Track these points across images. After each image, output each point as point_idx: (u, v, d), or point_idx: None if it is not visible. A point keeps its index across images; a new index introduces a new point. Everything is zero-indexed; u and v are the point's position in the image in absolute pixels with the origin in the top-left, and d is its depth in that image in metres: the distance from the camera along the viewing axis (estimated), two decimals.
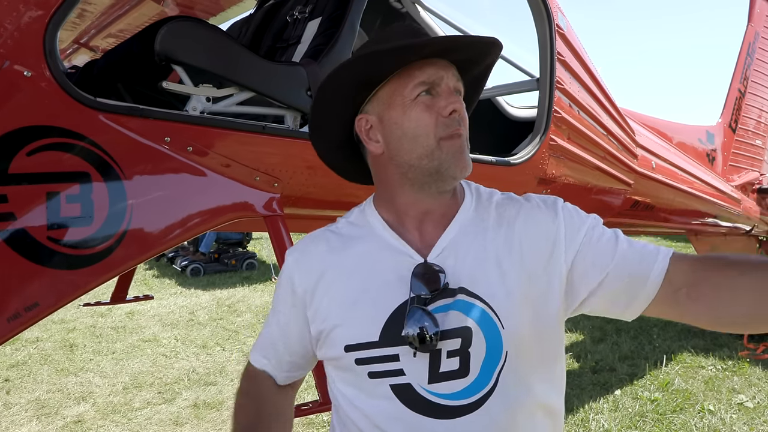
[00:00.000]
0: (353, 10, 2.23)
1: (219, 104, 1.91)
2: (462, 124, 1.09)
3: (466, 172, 1.09)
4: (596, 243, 1.09)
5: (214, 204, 1.84)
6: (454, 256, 1.09)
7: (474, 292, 1.06)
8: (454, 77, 1.10)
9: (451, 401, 1.04)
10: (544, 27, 2.81)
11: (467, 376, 1.04)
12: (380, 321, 1.06)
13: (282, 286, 1.21)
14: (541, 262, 1.09)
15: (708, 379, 4.93)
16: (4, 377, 5.28)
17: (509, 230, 1.12)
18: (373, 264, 1.11)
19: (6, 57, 1.40)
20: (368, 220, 1.17)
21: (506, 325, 1.05)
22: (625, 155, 3.57)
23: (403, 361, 1.04)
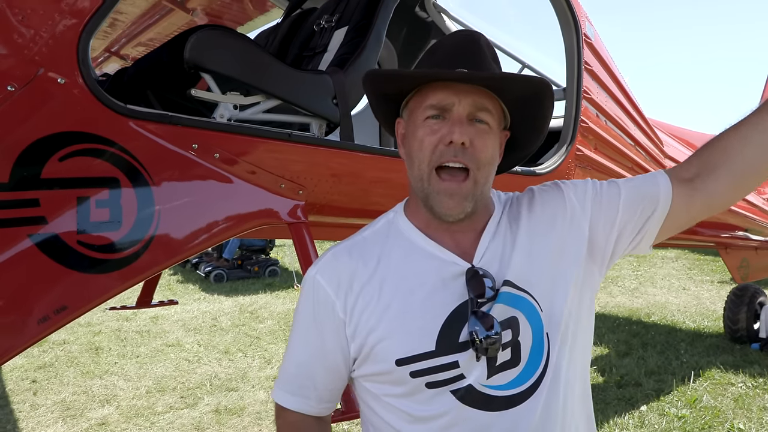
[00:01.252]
0: (379, 20, 2.24)
1: (246, 112, 1.93)
2: (467, 155, 1.06)
3: (455, 212, 1.08)
4: (601, 198, 1.17)
5: (239, 210, 1.85)
6: (492, 256, 1.12)
7: (517, 284, 1.09)
8: (471, 105, 1.07)
9: (506, 391, 1.06)
10: (572, 36, 2.79)
11: (518, 365, 1.07)
12: (434, 330, 1.06)
13: (307, 309, 1.15)
14: (566, 234, 1.15)
15: (738, 396, 4.80)
16: (32, 378, 5.38)
17: (530, 219, 1.16)
18: (414, 273, 1.10)
19: (41, 64, 1.43)
20: (399, 227, 1.17)
21: (544, 307, 1.09)
22: (653, 166, 3.51)
23: (462, 366, 1.05)
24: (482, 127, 1.08)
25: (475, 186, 1.08)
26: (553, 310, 1.10)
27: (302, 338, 1.17)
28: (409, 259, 1.12)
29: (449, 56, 1.11)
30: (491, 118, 1.10)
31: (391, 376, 1.07)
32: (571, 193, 1.18)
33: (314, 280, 1.14)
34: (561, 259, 1.13)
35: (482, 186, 1.10)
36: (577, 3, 2.82)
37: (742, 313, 6.05)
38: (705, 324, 7.12)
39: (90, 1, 1.50)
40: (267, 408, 4.76)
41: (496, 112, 1.12)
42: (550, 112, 1.19)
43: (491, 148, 1.10)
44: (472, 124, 1.08)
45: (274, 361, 5.95)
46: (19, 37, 1.41)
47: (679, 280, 10.03)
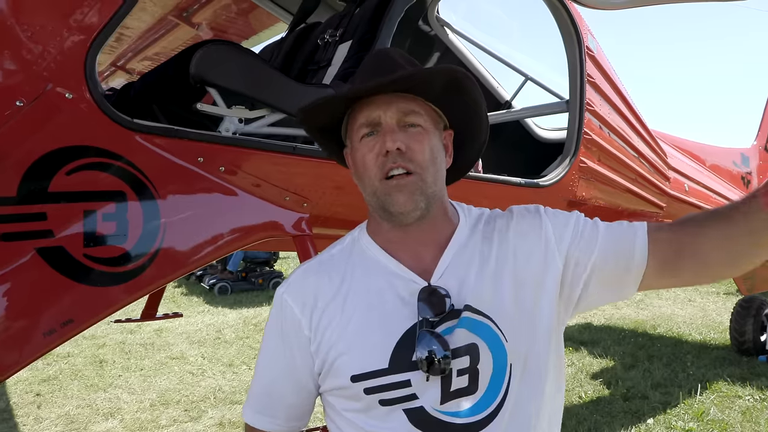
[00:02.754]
0: (383, 34, 2.26)
1: (251, 125, 1.94)
2: (405, 158, 1.08)
3: (409, 207, 1.08)
4: (581, 234, 1.12)
5: (244, 223, 1.86)
6: (455, 277, 1.10)
7: (479, 309, 1.07)
8: (396, 112, 1.09)
9: (462, 419, 1.04)
10: (574, 49, 2.81)
11: (476, 392, 1.05)
12: (388, 347, 1.05)
13: (276, 328, 1.16)
14: (538, 265, 1.11)
15: (745, 409, 4.76)
16: (36, 391, 5.37)
17: (503, 243, 1.14)
18: (374, 290, 1.11)
19: (49, 80, 1.45)
20: (363, 246, 1.17)
21: (509, 338, 1.07)
22: (657, 177, 3.51)
23: (415, 386, 1.04)
24: (415, 131, 1.10)
25: (423, 182, 1.09)
26: (521, 342, 1.08)
27: (271, 357, 1.17)
28: (370, 276, 1.13)
29: (363, 73, 1.15)
30: (421, 119, 1.11)
31: (347, 391, 1.07)
32: (550, 224, 1.14)
33: (282, 299, 1.16)
34: (533, 292, 1.10)
35: (431, 184, 1.10)
36: (579, 16, 2.84)
37: (749, 325, 6.01)
38: (711, 336, 7.07)
39: (97, 17, 1.52)
40: None
41: (427, 113, 1.13)
42: (476, 93, 1.17)
43: (430, 148, 1.11)
44: (404, 130, 1.09)
45: None
46: (27, 53, 1.43)
47: (685, 292, 9.98)
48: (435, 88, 1.13)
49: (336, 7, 3.25)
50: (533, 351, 1.09)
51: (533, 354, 1.09)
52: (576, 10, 2.83)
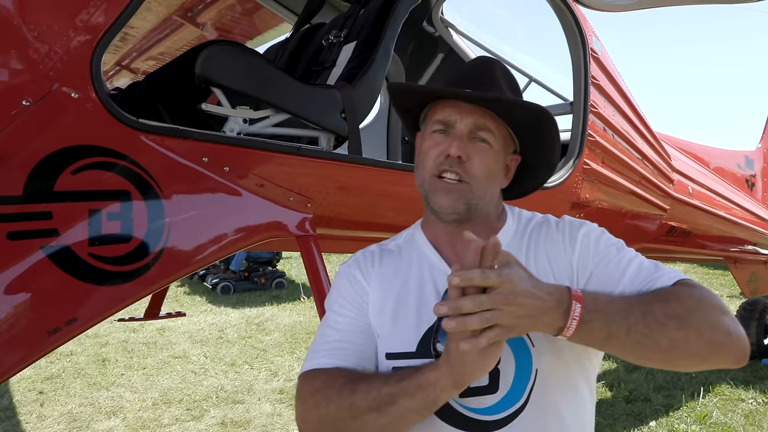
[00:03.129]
0: (388, 35, 2.26)
1: (255, 126, 1.95)
2: (462, 168, 1.13)
3: (448, 210, 1.14)
4: (604, 269, 1.12)
5: (248, 223, 1.86)
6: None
7: None
8: (472, 123, 1.15)
9: (482, 416, 1.07)
10: (579, 51, 2.81)
11: (496, 392, 1.07)
12: (418, 333, 1.11)
13: (340, 291, 1.22)
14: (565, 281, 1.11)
15: (748, 412, 4.75)
16: (39, 389, 5.39)
17: (540, 253, 1.17)
18: (414, 279, 1.18)
19: (55, 79, 1.46)
20: (415, 239, 1.25)
21: (536, 343, 1.08)
22: (660, 180, 3.51)
23: None
24: (482, 146, 1.15)
25: (471, 193, 1.14)
26: (547, 349, 1.08)
27: (336, 315, 1.20)
28: (415, 266, 1.20)
29: (461, 77, 1.22)
30: (492, 138, 1.16)
31: (381, 366, 1.13)
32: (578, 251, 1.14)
33: (347, 268, 1.25)
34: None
35: (478, 198, 1.15)
36: (583, 18, 2.83)
37: (752, 328, 5.99)
38: None
39: (103, 17, 1.53)
40: (273, 421, 4.74)
41: (500, 133, 1.18)
42: (553, 137, 1.22)
43: (489, 166, 1.16)
44: (472, 142, 1.15)
45: (281, 373, 5.94)
46: (34, 53, 1.44)
47: None
48: (516, 116, 1.18)
49: (340, 8, 3.25)
50: (561, 358, 1.10)
51: (560, 362, 1.10)
52: (580, 12, 2.83)
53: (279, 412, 4.93)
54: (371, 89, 2.21)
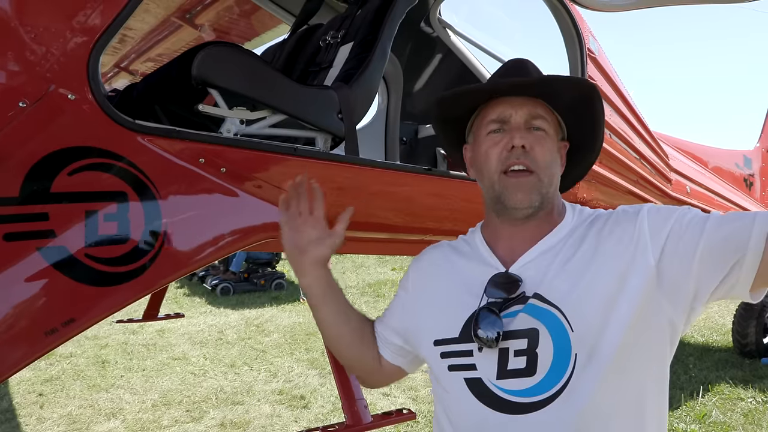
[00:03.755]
0: (385, 36, 2.26)
1: (252, 126, 1.95)
2: (528, 157, 1.18)
3: (524, 204, 1.18)
4: (686, 226, 1.10)
5: (245, 224, 1.86)
6: (536, 269, 1.17)
7: (546, 298, 1.13)
8: (526, 114, 1.20)
9: (518, 398, 1.09)
10: (575, 51, 2.81)
11: (534, 375, 1.09)
12: (462, 319, 1.18)
13: (404, 277, 1.42)
14: (623, 263, 1.11)
15: (748, 411, 4.75)
16: (39, 391, 5.39)
17: (595, 241, 1.17)
18: (466, 273, 1.26)
19: (52, 81, 1.46)
20: (475, 238, 1.32)
21: (576, 328, 1.09)
22: (658, 179, 3.51)
23: (476, 357, 1.15)
24: (539, 134, 1.20)
25: (540, 182, 1.18)
26: (589, 335, 1.08)
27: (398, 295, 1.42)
28: (469, 263, 1.27)
29: (500, 77, 1.28)
30: (547, 124, 1.22)
31: (431, 353, 1.24)
32: (647, 221, 1.13)
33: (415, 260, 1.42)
34: (612, 288, 1.10)
35: (547, 186, 1.19)
36: (580, 18, 2.84)
37: (752, 327, 6.00)
38: (714, 338, 7.06)
39: (100, 18, 1.53)
40: (272, 422, 4.75)
41: (551, 119, 1.24)
42: (600, 111, 1.27)
43: (550, 151, 1.21)
44: (530, 132, 1.20)
45: (280, 374, 5.94)
46: (30, 54, 1.44)
47: None
48: (564, 96, 1.24)
49: (338, 9, 3.25)
50: (603, 344, 1.08)
51: (604, 347, 1.08)
52: (577, 12, 2.83)
53: (278, 413, 4.93)
54: (368, 90, 2.21)
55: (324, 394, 5.31)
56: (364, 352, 1.40)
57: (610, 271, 1.11)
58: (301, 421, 4.77)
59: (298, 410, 4.99)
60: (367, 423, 2.04)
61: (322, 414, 4.88)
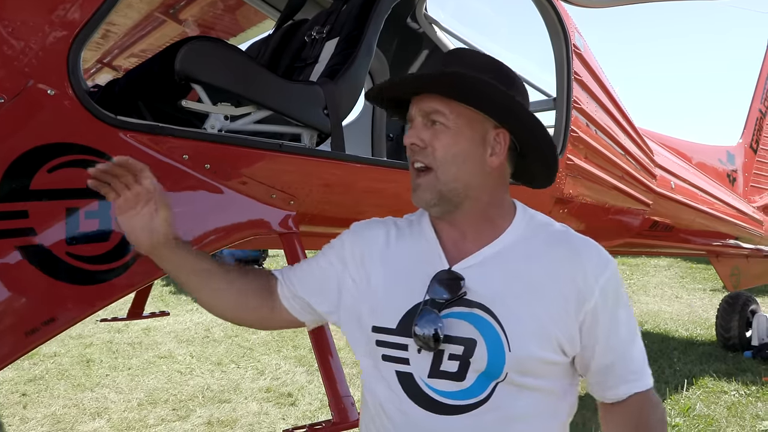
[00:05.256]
0: (370, 31, 2.25)
1: (237, 122, 1.93)
2: (424, 154, 1.17)
3: (421, 203, 1.19)
4: (606, 333, 1.15)
5: (230, 221, 1.85)
6: (482, 274, 1.15)
7: (492, 311, 1.12)
8: (419, 111, 1.18)
9: (445, 399, 1.12)
10: (561, 47, 2.82)
11: (463, 381, 1.11)
12: (401, 312, 1.16)
13: (337, 242, 1.34)
14: (567, 315, 1.13)
15: (731, 404, 4.81)
16: (22, 391, 5.32)
17: (551, 270, 1.15)
18: (411, 259, 1.22)
19: (31, 76, 1.43)
20: (422, 219, 1.28)
21: (513, 349, 1.11)
22: (643, 175, 3.54)
23: (410, 352, 1.14)
24: (438, 128, 1.16)
25: (437, 180, 1.16)
26: (525, 359, 1.11)
27: (318, 255, 1.36)
28: (415, 249, 1.24)
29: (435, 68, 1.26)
30: (445, 118, 1.16)
31: (369, 337, 1.20)
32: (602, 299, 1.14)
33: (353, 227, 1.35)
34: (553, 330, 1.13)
35: (450, 182, 1.16)
36: (566, 14, 2.85)
37: (734, 321, 6.08)
38: (698, 332, 7.14)
39: (80, 12, 1.50)
40: (260, 420, 4.72)
41: (456, 112, 1.16)
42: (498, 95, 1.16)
43: (450, 146, 1.16)
44: (429, 128, 1.17)
45: (267, 372, 5.92)
46: (8, 49, 1.41)
47: (672, 289, 10.06)
48: (459, 90, 1.16)
49: (323, 4, 3.23)
50: (536, 373, 1.12)
51: (531, 372, 1.12)
52: (563, 8, 2.84)
53: (266, 410, 4.91)
54: (354, 85, 2.20)
55: (311, 392, 5.29)
56: (255, 308, 1.33)
57: (553, 314, 1.13)
58: (289, 418, 4.75)
59: (286, 408, 4.97)
60: (354, 420, 2.03)
61: (310, 411, 4.87)
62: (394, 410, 1.15)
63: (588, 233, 1.25)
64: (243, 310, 1.34)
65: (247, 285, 1.32)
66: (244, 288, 1.32)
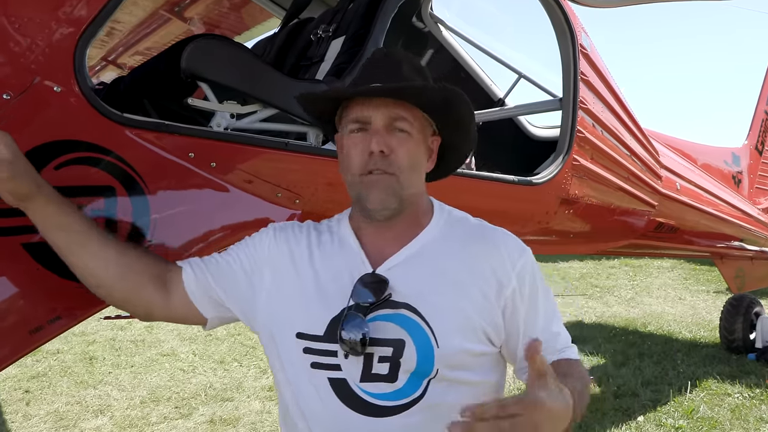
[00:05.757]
0: (377, 30, 2.24)
1: (242, 121, 1.92)
2: (387, 162, 1.16)
3: (381, 206, 1.18)
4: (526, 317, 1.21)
5: (235, 220, 1.84)
6: (405, 273, 1.19)
7: (417, 309, 1.15)
8: (387, 116, 1.17)
9: (380, 401, 1.13)
10: (568, 47, 2.80)
11: (395, 382, 1.13)
12: (327, 317, 1.16)
13: (254, 242, 1.32)
14: (489, 304, 1.19)
15: (735, 407, 4.79)
16: (25, 388, 5.33)
17: (471, 263, 1.21)
18: (333, 264, 1.23)
19: (37, 73, 1.43)
20: (341, 225, 1.31)
21: (441, 345, 1.14)
22: (648, 176, 3.52)
23: (340, 358, 1.14)
24: (401, 136, 1.19)
25: (399, 184, 1.18)
26: (452, 354, 1.14)
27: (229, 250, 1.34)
28: (336, 252, 1.25)
29: (367, 73, 1.24)
30: (410, 126, 1.19)
31: (289, 343, 1.19)
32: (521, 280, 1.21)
33: (270, 229, 1.34)
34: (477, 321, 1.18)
35: (407, 188, 1.20)
36: (573, 14, 2.83)
37: (739, 323, 6.05)
38: (701, 334, 7.12)
39: (87, 9, 1.49)
40: (263, 418, 4.72)
41: (417, 120, 1.21)
42: (465, 111, 1.26)
43: (413, 154, 1.20)
44: (391, 134, 1.18)
45: (270, 371, 5.91)
46: (15, 46, 1.40)
47: (675, 290, 10.04)
48: (427, 101, 1.22)
49: (329, 3, 3.22)
50: (465, 366, 1.17)
51: (460, 365, 1.16)
52: (570, 8, 2.82)
53: (268, 409, 4.91)
54: None
55: None
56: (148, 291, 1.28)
57: (477, 305, 1.18)
58: None
59: None
60: None
61: None
62: (329, 421, 1.14)
63: (593, 234, 1.34)
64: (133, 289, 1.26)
65: (140, 263, 1.27)
66: (138, 265, 1.26)
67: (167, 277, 1.29)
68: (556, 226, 2.94)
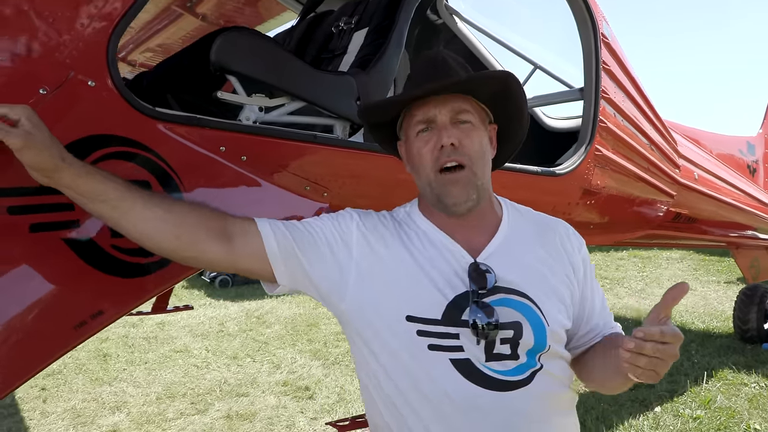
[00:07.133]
0: (401, 21, 2.23)
1: (271, 114, 1.91)
2: (458, 153, 1.24)
3: (462, 199, 1.25)
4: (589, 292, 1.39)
5: (266, 213, 1.80)
6: (501, 261, 1.27)
7: (525, 293, 1.25)
8: (450, 111, 1.25)
9: (505, 377, 1.20)
10: (589, 36, 2.78)
11: (517, 359, 1.22)
12: (442, 304, 1.21)
13: (335, 219, 1.34)
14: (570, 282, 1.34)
15: (752, 396, 4.78)
16: (41, 386, 5.35)
17: (549, 249, 1.33)
18: (427, 255, 1.27)
19: (71, 67, 1.42)
20: (416, 222, 1.34)
21: (550, 323, 1.25)
22: (668, 166, 3.50)
23: (462, 340, 1.20)
24: (466, 127, 1.26)
25: (474, 176, 1.25)
26: (558, 330, 1.28)
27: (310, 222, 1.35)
28: (425, 244, 1.28)
29: (421, 76, 1.29)
30: (472, 117, 1.28)
31: (397, 327, 1.21)
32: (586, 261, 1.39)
33: (348, 211, 1.39)
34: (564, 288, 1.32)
35: (481, 177, 1.27)
36: (594, 3, 2.81)
37: (753, 313, 6.03)
38: (714, 324, 7.10)
39: (119, 3, 1.48)
40: (278, 413, 4.73)
41: (476, 110, 1.30)
42: (521, 96, 1.35)
43: (479, 142, 1.27)
44: (456, 127, 1.25)
45: (283, 366, 5.93)
46: (50, 41, 1.39)
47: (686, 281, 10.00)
48: (484, 89, 1.29)
49: None
50: (563, 338, 1.31)
51: (563, 340, 1.32)
52: None
53: (284, 404, 4.92)
54: (385, 76, 2.17)
55: (328, 385, 5.30)
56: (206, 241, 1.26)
57: (562, 285, 1.32)
58: (307, 411, 4.76)
59: (304, 401, 4.98)
60: None
61: (328, 405, 4.87)
62: (457, 399, 1.19)
63: (612, 225, 1.49)
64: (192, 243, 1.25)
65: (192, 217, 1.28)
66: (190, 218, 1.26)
67: (230, 229, 1.28)
68: (577, 217, 2.92)
